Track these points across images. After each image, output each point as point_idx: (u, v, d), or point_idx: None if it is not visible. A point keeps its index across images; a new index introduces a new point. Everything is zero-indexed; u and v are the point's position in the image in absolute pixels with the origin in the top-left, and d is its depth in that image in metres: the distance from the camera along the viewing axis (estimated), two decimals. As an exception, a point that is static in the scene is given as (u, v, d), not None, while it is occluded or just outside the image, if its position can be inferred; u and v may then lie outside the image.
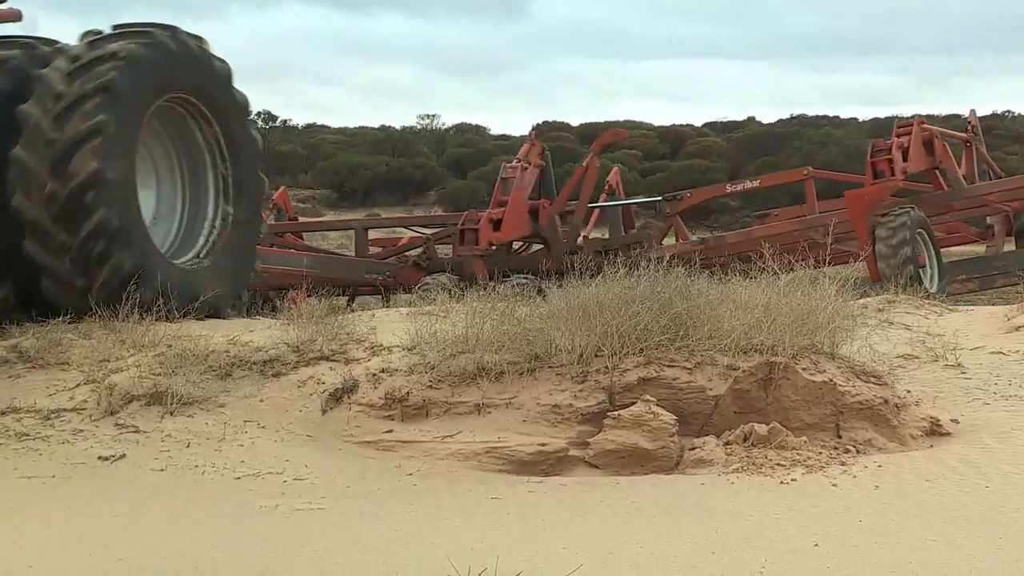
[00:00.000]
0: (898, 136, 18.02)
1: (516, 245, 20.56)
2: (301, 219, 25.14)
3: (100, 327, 11.02)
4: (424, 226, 21.72)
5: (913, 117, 19.97)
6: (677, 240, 20.33)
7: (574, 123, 65.15)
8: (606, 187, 22.11)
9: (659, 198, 21.34)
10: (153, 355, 10.06)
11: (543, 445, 8.82)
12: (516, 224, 19.06)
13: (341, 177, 57.04)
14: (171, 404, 9.31)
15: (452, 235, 19.95)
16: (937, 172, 18.52)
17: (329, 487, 8.25)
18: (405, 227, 23.16)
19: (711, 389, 9.07)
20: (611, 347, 9.18)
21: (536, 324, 9.50)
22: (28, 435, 9.04)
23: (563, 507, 7.87)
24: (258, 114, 61.59)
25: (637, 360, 9.15)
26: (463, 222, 18.97)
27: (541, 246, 20.24)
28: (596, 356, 9.21)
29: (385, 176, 57.30)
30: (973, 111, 20.62)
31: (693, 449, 8.76)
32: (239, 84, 13.17)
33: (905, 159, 17.63)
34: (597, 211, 21.69)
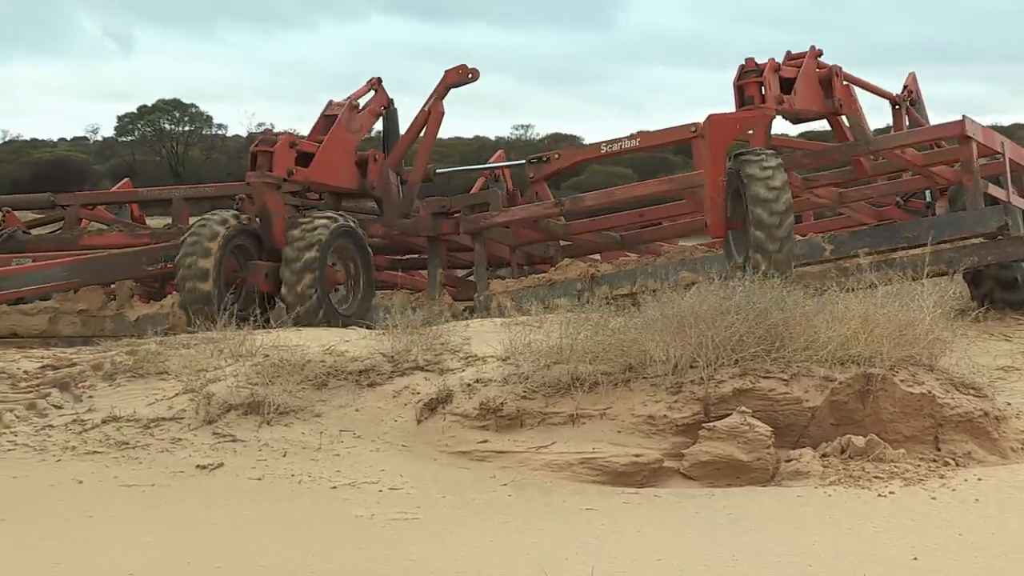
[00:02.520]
0: (785, 64, 13.87)
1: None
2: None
3: (199, 338, 11.17)
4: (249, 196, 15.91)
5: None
6: None
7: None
8: (486, 174, 18.52)
9: (523, 162, 16.93)
10: (250, 365, 10.15)
11: (637, 456, 8.80)
12: (333, 168, 14.64)
13: (436, 188, 57.19)
14: (268, 413, 9.39)
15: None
16: (841, 121, 14.36)
17: (424, 497, 8.27)
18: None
19: (807, 400, 9.00)
20: (706, 358, 9.14)
21: (630, 335, 9.48)
22: (128, 444, 9.15)
23: (658, 518, 7.84)
24: (352, 125, 61.65)
25: (732, 371, 9.11)
26: (257, 143, 14.31)
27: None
28: (691, 367, 9.18)
29: (479, 186, 57.37)
30: (912, 74, 16.49)
31: (789, 461, 8.70)
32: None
33: (789, 91, 13.33)
34: (481, 180, 18.18)
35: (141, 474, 8.70)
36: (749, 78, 13.12)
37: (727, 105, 13.47)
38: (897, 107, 15.85)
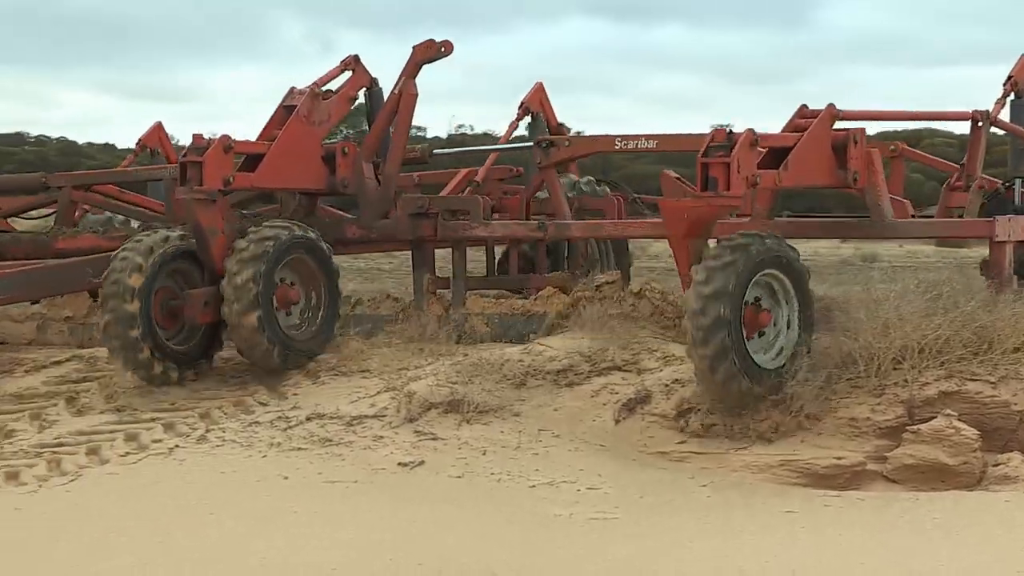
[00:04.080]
0: (792, 128, 11.58)
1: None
2: None
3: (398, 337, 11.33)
4: None
5: None
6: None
7: (871, 132, 63.64)
8: (519, 112, 15.43)
9: (530, 144, 13.98)
10: (450, 364, 10.25)
11: (839, 459, 8.68)
12: (290, 167, 12.13)
13: (631, 187, 57.15)
14: (467, 412, 9.47)
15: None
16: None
17: (622, 497, 8.26)
18: None
19: (1016, 404, 8.81)
20: (910, 360, 8.99)
21: (832, 336, 9.35)
22: (331, 441, 9.31)
23: (860, 522, 7.72)
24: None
25: (937, 373, 8.95)
26: (185, 152, 11.62)
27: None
28: (894, 369, 9.03)
29: (675, 187, 57.14)
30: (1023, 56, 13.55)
31: (997, 465, 8.51)
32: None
33: (779, 164, 10.19)
34: (493, 156, 15.20)
35: (344, 471, 8.84)
36: (714, 155, 9.95)
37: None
38: (979, 125, 13.67)
